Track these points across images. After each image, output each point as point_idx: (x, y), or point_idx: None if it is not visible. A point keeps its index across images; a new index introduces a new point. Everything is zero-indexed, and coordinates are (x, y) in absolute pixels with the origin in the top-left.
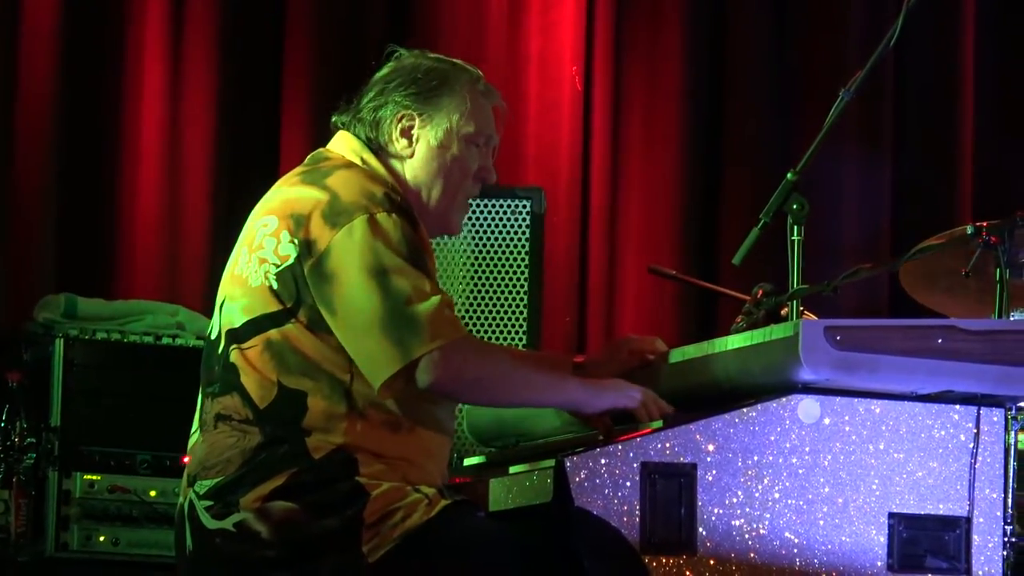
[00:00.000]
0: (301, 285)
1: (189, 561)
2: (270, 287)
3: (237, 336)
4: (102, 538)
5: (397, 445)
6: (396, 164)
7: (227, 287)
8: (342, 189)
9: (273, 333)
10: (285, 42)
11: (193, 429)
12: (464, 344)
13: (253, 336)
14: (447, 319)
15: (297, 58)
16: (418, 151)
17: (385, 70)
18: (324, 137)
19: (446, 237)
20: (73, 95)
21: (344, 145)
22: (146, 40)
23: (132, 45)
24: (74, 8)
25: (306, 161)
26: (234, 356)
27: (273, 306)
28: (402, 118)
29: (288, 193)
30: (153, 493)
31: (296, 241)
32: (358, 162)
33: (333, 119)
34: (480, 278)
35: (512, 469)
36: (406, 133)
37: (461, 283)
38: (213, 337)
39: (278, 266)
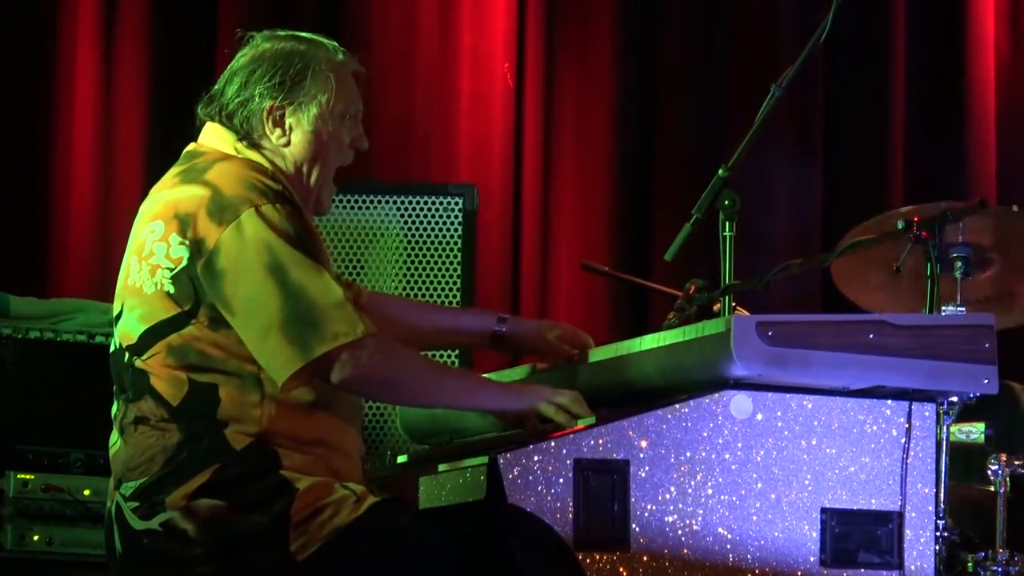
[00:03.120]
0: (198, 286)
1: (119, 563)
2: (167, 292)
3: (136, 349)
4: (36, 537)
5: (312, 427)
6: (271, 154)
7: (122, 298)
8: (223, 183)
9: (173, 338)
10: (217, 39)
11: (113, 437)
12: (369, 342)
13: (153, 344)
14: (347, 315)
15: (229, 58)
16: (294, 139)
17: (244, 59)
18: None
19: (379, 233)
20: (4, 94)
21: (216, 138)
22: (78, 37)
23: (64, 41)
24: (4, 5)
25: (180, 159)
26: (140, 364)
27: (171, 310)
28: (272, 109)
29: (169, 195)
30: (87, 492)
31: (186, 242)
32: (233, 153)
33: (198, 111)
34: (412, 275)
35: (443, 466)
36: (279, 123)
37: (393, 280)
38: (115, 348)
39: (172, 269)
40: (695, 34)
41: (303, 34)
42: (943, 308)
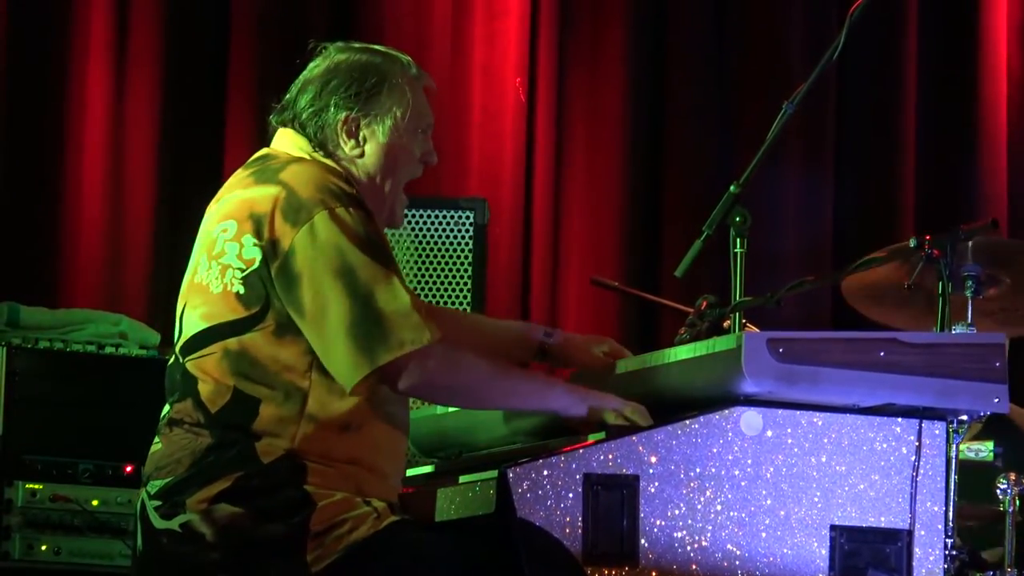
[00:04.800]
0: (270, 288)
1: (139, 561)
2: (236, 293)
3: (193, 345)
4: (44, 547)
5: (345, 447)
6: (345, 164)
7: (187, 295)
8: (297, 183)
9: (231, 342)
10: (229, 54)
11: (155, 438)
12: (436, 349)
13: (210, 344)
14: (415, 323)
15: (241, 71)
16: (368, 151)
17: (318, 69)
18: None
19: (391, 246)
20: (16, 102)
21: (289, 143)
22: (90, 48)
23: (76, 53)
24: (18, 16)
25: (252, 160)
26: (191, 365)
27: (237, 312)
28: (347, 120)
29: (243, 194)
30: (95, 502)
31: (261, 243)
32: (306, 157)
33: (271, 119)
34: (423, 288)
35: (462, 479)
36: (353, 135)
37: None
38: (177, 347)
39: (244, 270)
40: (706, 50)
41: (377, 47)
42: (954, 326)
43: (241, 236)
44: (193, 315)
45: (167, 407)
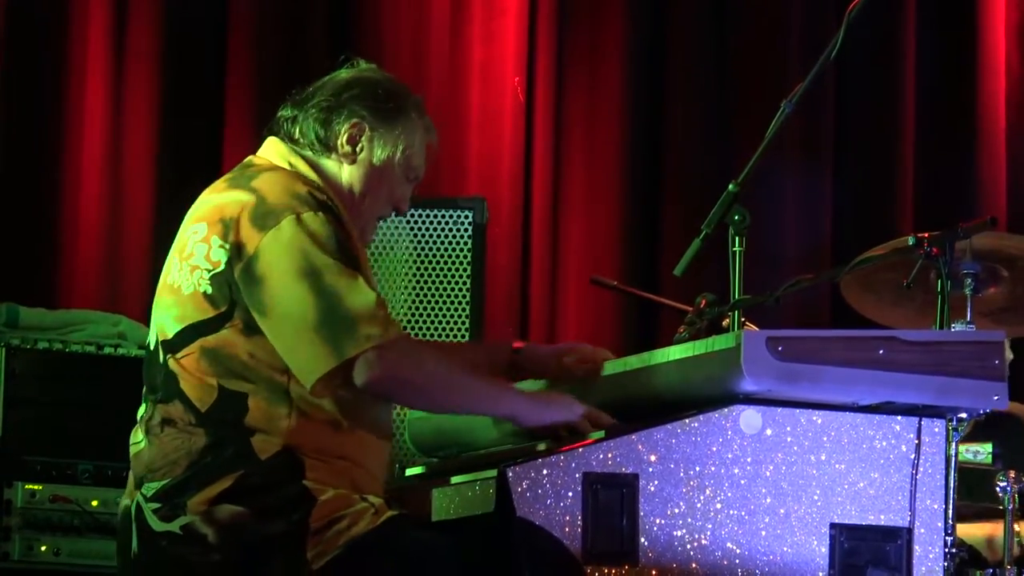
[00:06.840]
0: (234, 289)
1: (134, 564)
2: (204, 293)
3: (171, 346)
4: (43, 548)
5: (338, 444)
6: (333, 164)
7: (160, 296)
8: (268, 190)
9: (207, 340)
10: (228, 53)
11: (137, 436)
12: (399, 344)
13: (187, 344)
14: (380, 318)
15: (240, 69)
16: (358, 160)
17: (345, 75)
18: None
19: (389, 247)
20: (14, 104)
21: (272, 151)
22: (89, 49)
23: (75, 54)
24: (16, 18)
25: (235, 168)
26: (172, 364)
27: (207, 312)
28: (354, 125)
29: (216, 199)
30: (95, 503)
31: (226, 246)
32: (285, 166)
33: (280, 112)
34: (422, 288)
35: (454, 479)
36: (353, 140)
37: (403, 293)
38: (151, 347)
39: (210, 271)
40: (704, 49)
41: (402, 84)
42: (953, 324)
43: (209, 238)
44: (167, 316)
45: (149, 406)
